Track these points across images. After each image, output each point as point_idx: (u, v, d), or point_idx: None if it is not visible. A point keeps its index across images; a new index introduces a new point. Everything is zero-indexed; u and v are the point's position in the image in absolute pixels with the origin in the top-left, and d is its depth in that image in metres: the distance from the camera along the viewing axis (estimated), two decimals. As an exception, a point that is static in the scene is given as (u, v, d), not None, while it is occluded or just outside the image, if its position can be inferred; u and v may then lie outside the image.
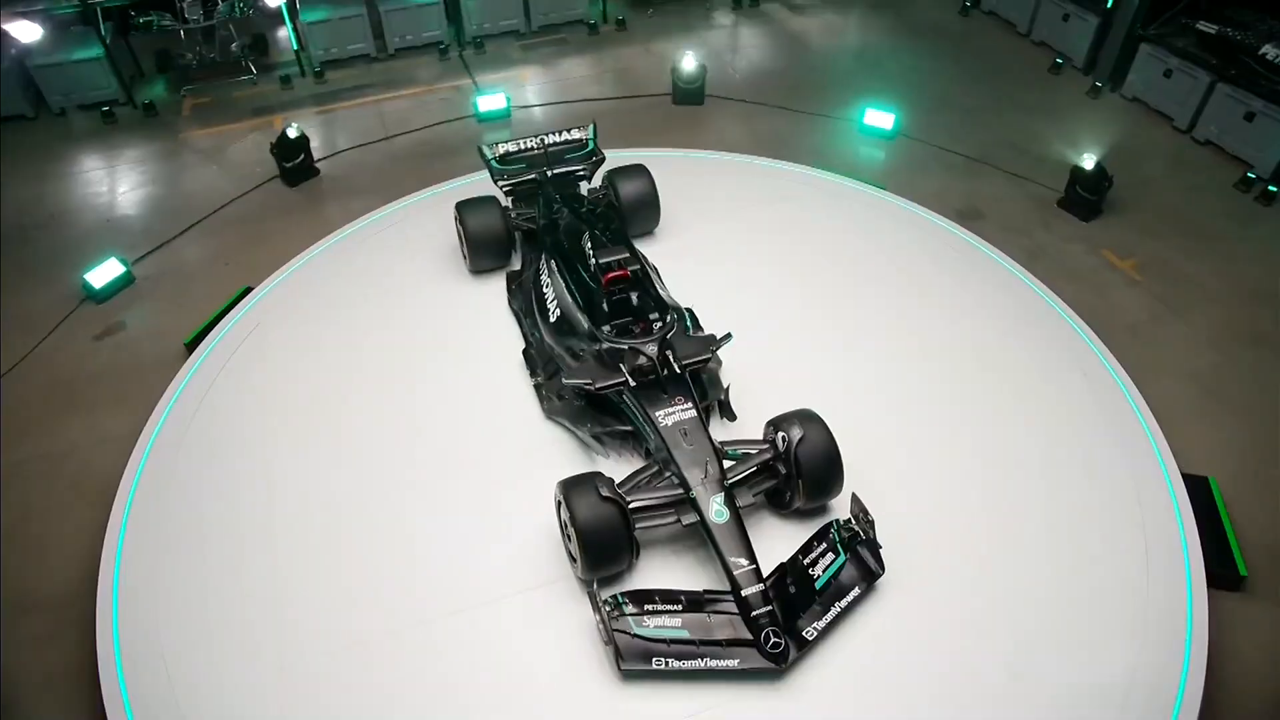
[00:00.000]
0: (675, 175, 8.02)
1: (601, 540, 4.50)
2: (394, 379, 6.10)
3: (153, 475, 5.47)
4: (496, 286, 6.82)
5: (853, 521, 4.71)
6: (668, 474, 4.83)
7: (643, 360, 5.11)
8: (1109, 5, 9.92)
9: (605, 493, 4.53)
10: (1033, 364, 6.18)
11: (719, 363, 5.95)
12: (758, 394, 5.78)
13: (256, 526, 5.17)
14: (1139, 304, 7.19)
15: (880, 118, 9.02)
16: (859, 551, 4.67)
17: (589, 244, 5.80)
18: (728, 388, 5.69)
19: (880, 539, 4.73)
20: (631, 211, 6.96)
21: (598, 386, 5.10)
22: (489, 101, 9.54)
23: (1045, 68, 10.40)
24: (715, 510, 4.59)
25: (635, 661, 4.28)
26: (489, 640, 4.59)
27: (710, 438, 4.88)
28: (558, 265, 5.98)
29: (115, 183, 8.97)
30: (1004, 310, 6.63)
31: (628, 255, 5.62)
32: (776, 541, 4.87)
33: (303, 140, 8.60)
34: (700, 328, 6.20)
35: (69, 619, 4.97)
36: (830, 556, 4.65)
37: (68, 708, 4.65)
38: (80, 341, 6.98)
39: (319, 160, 8.97)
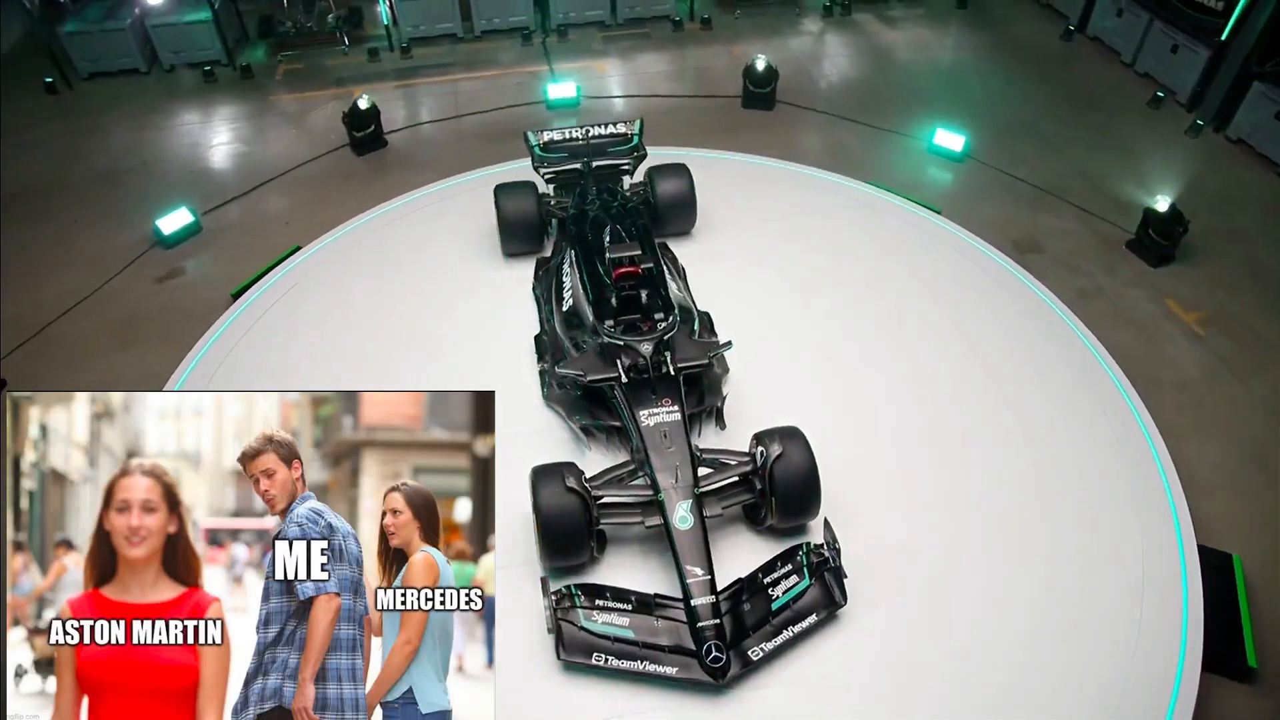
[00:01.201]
0: (725, 179, 8.00)
1: (560, 530, 4.54)
2: (409, 347, 6.31)
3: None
4: (526, 270, 6.94)
5: (824, 547, 4.61)
6: (641, 474, 4.84)
7: (637, 358, 5.11)
8: (1223, 37, 9.24)
9: (571, 484, 4.57)
10: (1057, 410, 5.86)
11: (725, 370, 5.91)
12: (761, 405, 5.72)
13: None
14: (1195, 360, 6.71)
15: (950, 139, 8.70)
16: (825, 578, 4.56)
17: (608, 238, 5.83)
18: (725, 396, 5.64)
19: (854, 571, 4.61)
20: (667, 210, 6.97)
21: (589, 379, 5.14)
22: (559, 89, 9.69)
23: (1144, 100, 9.78)
24: (680, 516, 4.56)
25: (576, 654, 4.32)
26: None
27: (690, 443, 4.85)
28: (577, 255, 6.05)
29: (204, 137, 9.57)
30: (1038, 350, 6.31)
31: (640, 252, 5.63)
32: (747, 555, 4.81)
33: (373, 111, 8.96)
34: (714, 333, 6.16)
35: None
36: (794, 579, 4.57)
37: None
38: (144, 282, 7.50)
39: (389, 132, 9.32)
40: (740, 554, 4.88)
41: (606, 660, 4.30)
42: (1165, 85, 9.86)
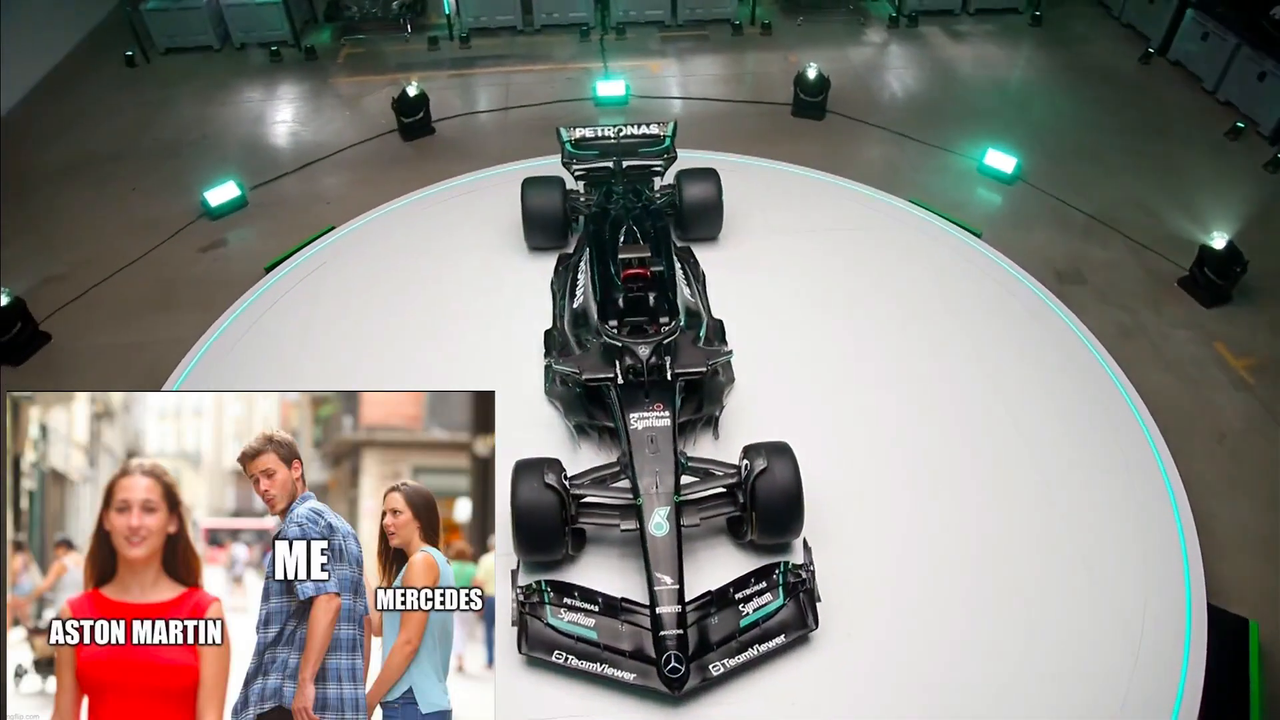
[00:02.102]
0: (761, 187, 7.93)
1: (533, 525, 4.57)
2: (425, 333, 6.43)
3: (194, 378, 6.12)
4: (549, 264, 7.00)
5: (803, 568, 4.53)
6: (625, 476, 4.84)
7: (635, 360, 5.11)
8: (1314, 68, 8.74)
9: (550, 480, 4.60)
10: (1075, 450, 5.60)
11: (730, 380, 5.85)
12: (762, 419, 5.65)
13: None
14: (1239, 410, 6.35)
15: (1001, 159, 8.43)
16: (800, 599, 4.48)
17: (623, 238, 5.84)
18: (724, 405, 5.59)
19: (832, 598, 4.54)
20: (693, 215, 6.94)
21: (585, 377, 5.16)
22: (608, 87, 9.74)
23: (1222, 131, 9.30)
24: (655, 522, 4.54)
25: (538, 649, 4.34)
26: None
27: (677, 450, 4.83)
28: (592, 253, 6.08)
29: (263, 114, 9.95)
30: (1064, 386, 6.05)
31: (649, 254, 5.62)
32: (726, 568, 4.75)
33: (422, 98, 9.17)
34: (724, 341, 6.13)
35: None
36: (767, 597, 4.50)
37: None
38: (188, 250, 7.84)
39: (438, 120, 9.52)
40: (719, 566, 4.82)
41: (567, 659, 4.31)
42: (1247, 115, 9.36)
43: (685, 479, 4.84)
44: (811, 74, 9.18)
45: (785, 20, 11.57)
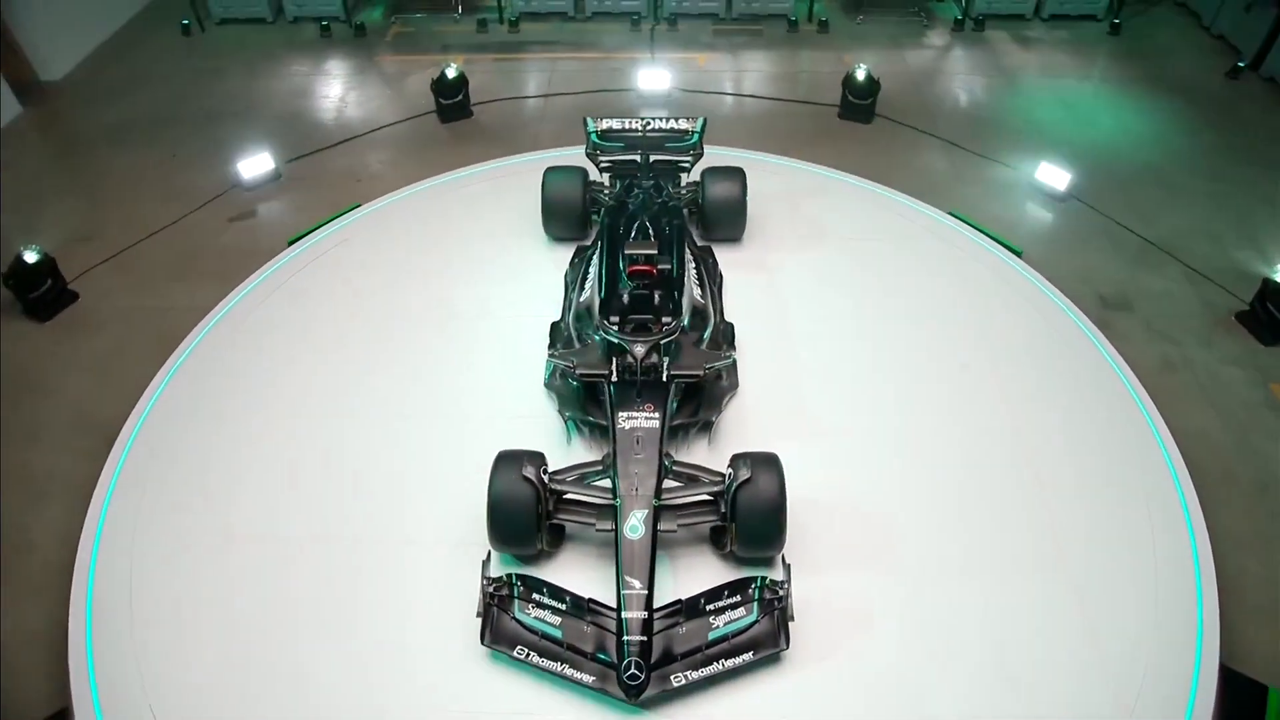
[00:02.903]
0: (793, 189, 7.87)
1: (507, 517, 4.62)
2: (432, 317, 6.55)
3: (204, 346, 6.37)
4: (566, 256, 7.06)
5: (781, 584, 4.48)
6: (607, 475, 4.85)
7: (629, 358, 5.13)
8: None
9: (528, 473, 4.64)
10: (1091, 491, 5.38)
11: (733, 386, 5.83)
12: (762, 428, 5.65)
13: (258, 423, 5.86)
14: (1287, 460, 6.04)
15: (1055, 175, 8.17)
16: (773, 617, 4.44)
17: (633, 233, 5.85)
18: (722, 411, 5.57)
19: (810, 620, 4.50)
20: (715, 214, 6.91)
21: (579, 372, 5.19)
22: (650, 78, 9.75)
23: (1311, 157, 8.85)
24: (631, 525, 4.54)
25: (501, 643, 4.39)
26: (388, 576, 4.89)
27: (662, 453, 4.82)
28: (603, 247, 6.11)
29: (306, 88, 10.22)
30: (1088, 420, 5.82)
31: (656, 252, 5.62)
32: (704, 578, 4.73)
33: (460, 81, 9.31)
34: (732, 345, 6.10)
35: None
36: (740, 612, 4.47)
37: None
38: (217, 220, 8.11)
39: (477, 104, 9.66)
40: (697, 575, 4.80)
41: (528, 655, 4.35)
42: (1338, 143, 8.89)
43: (669, 483, 4.84)
44: (860, 75, 9.03)
45: (844, 18, 11.42)
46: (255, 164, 8.42)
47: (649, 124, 7.09)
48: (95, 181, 8.74)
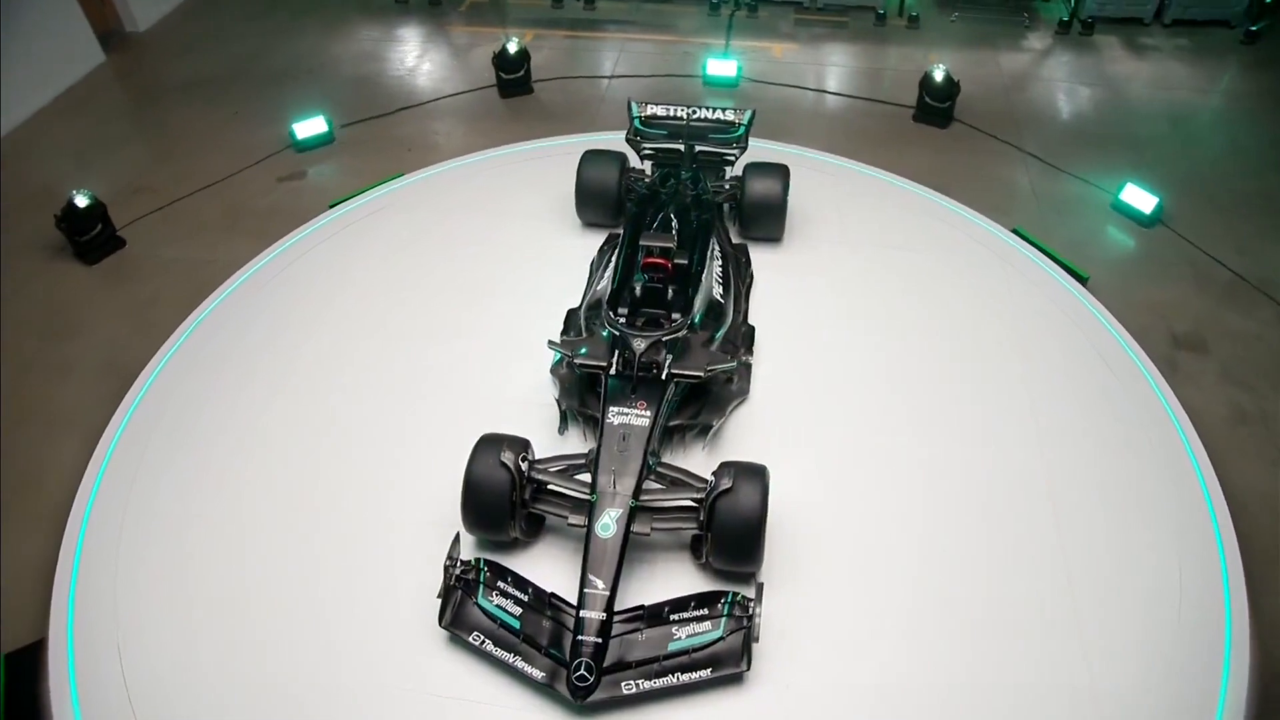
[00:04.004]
0: (846, 192, 7.74)
1: (479, 501, 4.71)
2: (457, 292, 6.70)
3: (229, 302, 6.70)
4: (597, 242, 7.11)
5: (752, 604, 4.44)
6: (588, 470, 4.89)
7: (628, 353, 5.15)
8: None
9: (505, 459, 4.72)
10: (1118, 548, 5.08)
11: (743, 392, 5.79)
12: (767, 437, 5.58)
13: (266, 382, 6.14)
14: (1361, 536, 5.60)
15: (1141, 197, 7.75)
16: (738, 637, 4.39)
17: (655, 224, 5.86)
18: (725, 417, 5.54)
19: (779, 645, 4.47)
20: (752, 212, 6.84)
21: (577, 361, 5.24)
22: (719, 66, 9.70)
23: None
24: (602, 523, 4.57)
25: (459, 627, 4.48)
26: (364, 547, 5.05)
27: (647, 453, 4.82)
28: (625, 237, 6.14)
29: (373, 54, 10.58)
30: (1127, 470, 5.49)
31: (672, 245, 5.62)
32: (679, 586, 4.72)
33: (523, 56, 9.47)
34: (750, 350, 6.06)
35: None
36: (706, 626, 4.44)
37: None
38: (266, 178, 8.50)
39: (538, 80, 9.81)
40: (671, 583, 4.78)
41: (483, 643, 4.43)
42: None
43: (651, 485, 4.84)
44: (939, 76, 8.77)
45: (938, 14, 11.09)
46: (310, 126, 8.78)
47: (695, 113, 7.06)
48: (159, 133, 9.28)
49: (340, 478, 5.45)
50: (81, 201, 7.27)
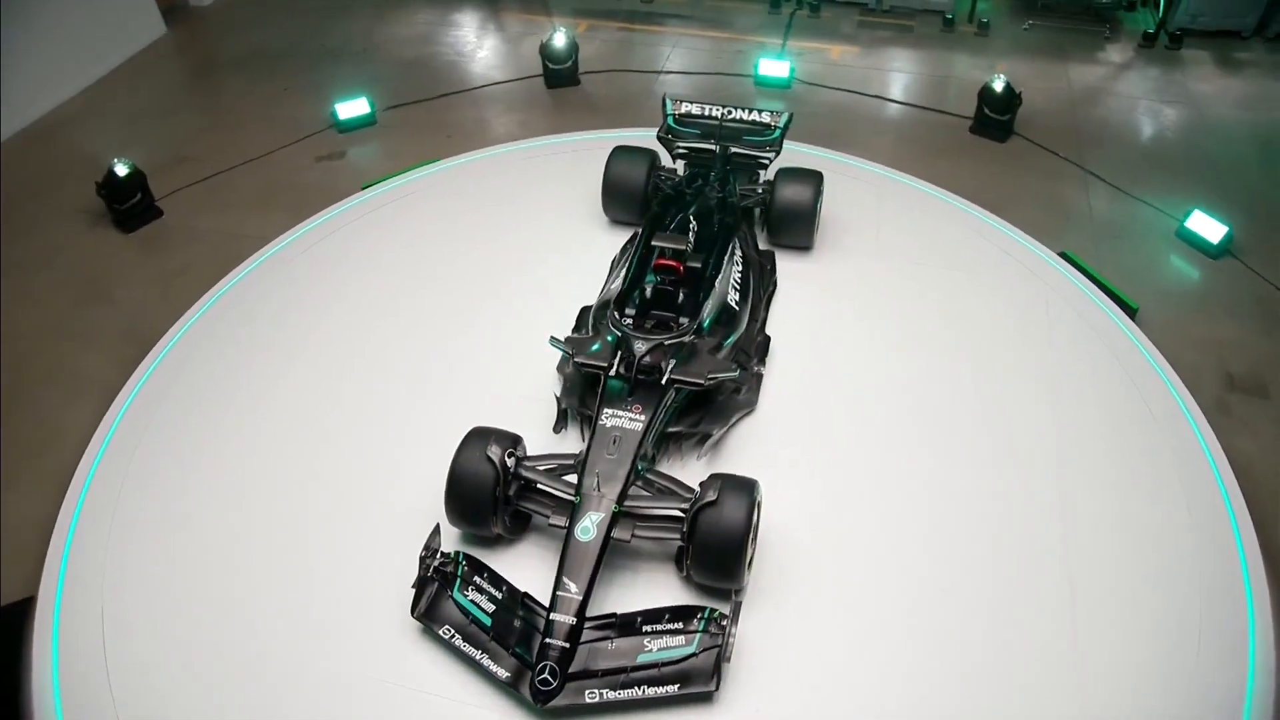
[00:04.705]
0: (887, 203, 7.59)
1: (462, 493, 4.76)
2: (474, 283, 6.77)
3: (251, 278, 6.93)
4: (623, 240, 7.13)
5: (726, 621, 4.40)
6: (575, 471, 4.91)
7: (629, 354, 5.16)
8: None
9: (492, 453, 4.76)
10: (1138, 611, 4.83)
11: (750, 404, 5.75)
12: (773, 453, 5.52)
13: (278, 358, 6.33)
14: None
15: (1208, 225, 7.42)
16: (710, 655, 4.36)
17: (671, 225, 5.86)
18: (726, 429, 5.50)
19: (759, 669, 4.43)
20: (780, 218, 6.76)
21: (576, 359, 5.26)
22: (771, 67, 9.62)
23: None
24: (583, 526, 4.58)
25: (430, 619, 4.54)
26: (351, 532, 5.16)
27: (637, 458, 4.81)
28: (643, 236, 6.14)
29: (429, 37, 10.79)
30: (1154, 523, 5.23)
31: (685, 248, 5.60)
32: (655, 597, 4.72)
33: (571, 48, 9.54)
34: (763, 361, 6.01)
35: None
36: (679, 640, 4.41)
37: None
38: (306, 156, 8.75)
39: (586, 73, 9.87)
40: (652, 594, 4.77)
41: (453, 637, 4.49)
42: None
43: (639, 491, 4.84)
44: (999, 86, 8.54)
45: (1010, 22, 10.80)
46: (352, 107, 9.00)
47: (730, 113, 7.02)
48: (210, 106, 9.64)
49: (340, 459, 5.56)
50: (121, 170, 7.60)
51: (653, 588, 4.86)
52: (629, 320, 5.50)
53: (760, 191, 6.93)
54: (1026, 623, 4.77)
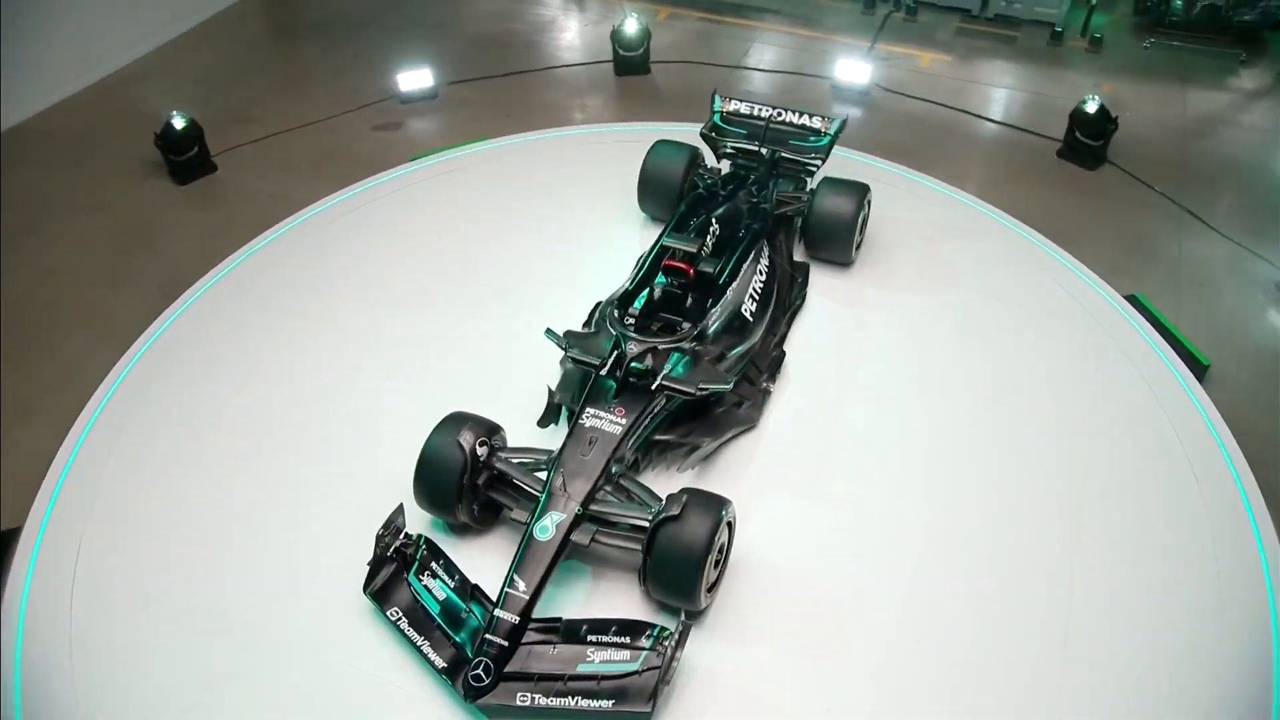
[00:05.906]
0: (949, 229, 7.38)
1: (428, 477, 4.90)
2: (495, 271, 6.92)
3: (282, 241, 7.28)
4: (654, 235, 7.17)
5: (671, 642, 4.40)
6: (547, 467, 4.99)
7: (621, 355, 5.21)
8: None
9: (464, 440, 4.88)
10: (1145, 676, 4.62)
11: (751, 421, 5.72)
12: (766, 476, 5.48)
13: (292, 326, 6.64)
14: None
15: (1307, 281, 6.98)
16: (653, 675, 4.37)
17: (691, 227, 5.89)
18: (718, 444, 5.49)
19: (713, 695, 4.42)
20: (818, 230, 6.66)
21: (569, 354, 5.35)
22: (849, 71, 9.49)
23: None
24: (541, 525, 4.64)
25: (382, 599, 4.70)
26: (330, 505, 5.38)
27: (611, 461, 4.85)
28: (663, 236, 6.17)
29: (508, 13, 11.05)
30: (1184, 603, 4.93)
31: (696, 251, 5.60)
32: (615, 607, 4.76)
33: (642, 35, 9.63)
34: (773, 379, 5.97)
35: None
36: (623, 655, 4.43)
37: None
38: (363, 124, 9.12)
39: (659, 62, 9.95)
40: (612, 603, 4.80)
41: (399, 619, 4.64)
42: None
43: (608, 496, 4.88)
44: (1091, 108, 8.20)
45: (1129, 38, 10.33)
46: (415, 78, 9.33)
47: (779, 115, 6.98)
48: (280, 68, 10.15)
49: (338, 426, 5.81)
50: (179, 123, 8.10)
51: (612, 598, 4.89)
52: (630, 320, 5.54)
53: (802, 200, 6.86)
54: (1021, 687, 4.59)
